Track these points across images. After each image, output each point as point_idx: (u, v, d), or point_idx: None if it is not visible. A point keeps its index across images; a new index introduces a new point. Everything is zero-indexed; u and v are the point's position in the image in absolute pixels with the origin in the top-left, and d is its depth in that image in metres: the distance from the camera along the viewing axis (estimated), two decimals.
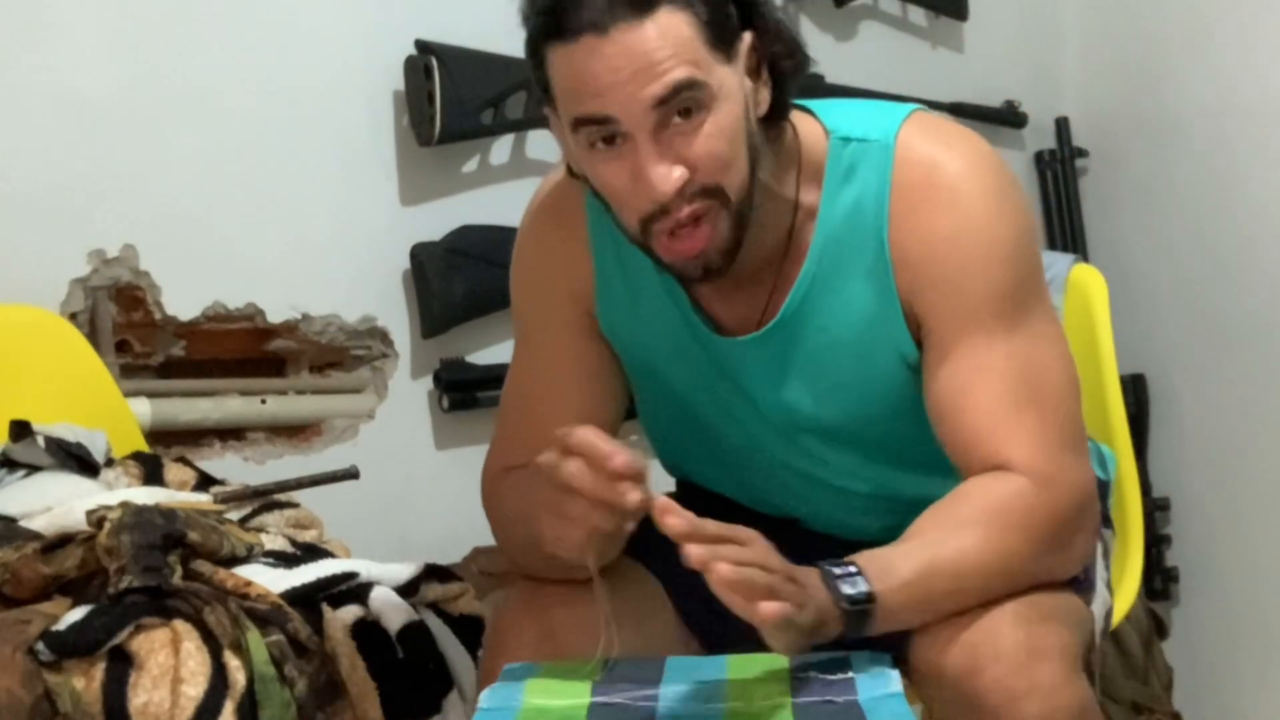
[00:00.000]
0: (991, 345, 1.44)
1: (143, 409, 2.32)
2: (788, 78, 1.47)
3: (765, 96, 1.45)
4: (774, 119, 1.47)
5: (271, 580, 1.67)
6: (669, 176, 1.37)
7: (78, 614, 1.57)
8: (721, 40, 1.39)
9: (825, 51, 2.68)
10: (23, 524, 1.75)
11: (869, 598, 1.32)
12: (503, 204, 2.64)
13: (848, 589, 1.31)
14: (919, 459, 1.56)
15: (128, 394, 2.30)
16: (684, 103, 1.37)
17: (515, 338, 1.67)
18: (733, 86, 1.41)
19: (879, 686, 1.25)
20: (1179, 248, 2.85)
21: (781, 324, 1.52)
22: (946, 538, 1.38)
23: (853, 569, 1.33)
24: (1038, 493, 1.41)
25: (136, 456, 2.07)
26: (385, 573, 1.73)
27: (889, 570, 1.35)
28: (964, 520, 1.39)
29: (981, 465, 1.44)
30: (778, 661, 1.31)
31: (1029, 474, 1.41)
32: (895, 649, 1.39)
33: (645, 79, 1.35)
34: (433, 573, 1.77)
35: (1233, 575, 2.89)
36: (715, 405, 1.59)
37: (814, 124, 1.51)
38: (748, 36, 1.43)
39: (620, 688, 1.27)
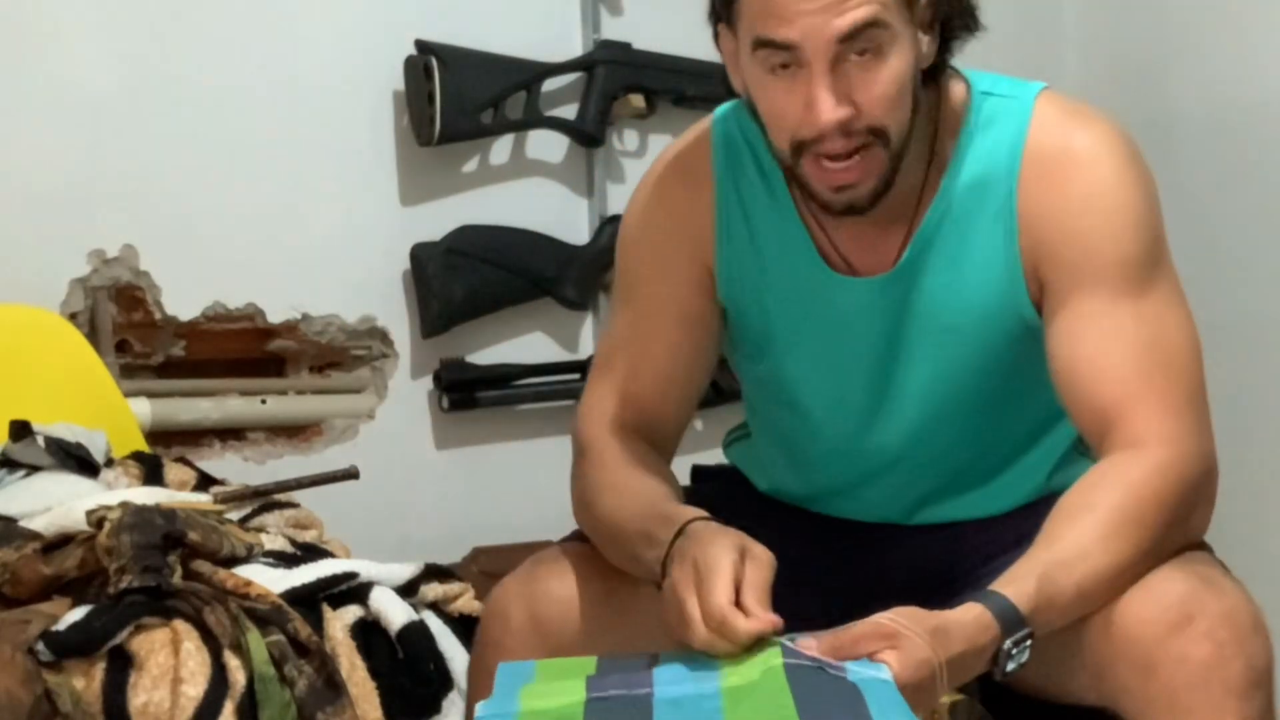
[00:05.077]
0: (1120, 306, 1.47)
1: (143, 409, 2.32)
2: (954, 37, 1.51)
3: (932, 51, 1.49)
4: (930, 74, 1.51)
5: (271, 580, 1.67)
6: (835, 110, 1.41)
7: (78, 614, 1.57)
8: None
9: None
10: (23, 524, 1.75)
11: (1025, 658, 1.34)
12: (503, 204, 2.65)
13: (1011, 665, 1.33)
14: (1005, 430, 1.59)
15: (128, 394, 2.30)
16: (865, 41, 1.40)
17: (616, 297, 1.68)
18: (909, 34, 1.44)
19: (868, 670, 1.26)
20: (1178, 247, 2.82)
21: (908, 265, 1.54)
22: (1100, 555, 1.38)
23: (1028, 642, 1.33)
24: (1167, 468, 1.43)
25: (136, 456, 2.07)
26: (385, 573, 1.73)
27: (1051, 605, 1.35)
28: (1108, 529, 1.39)
29: (1110, 436, 1.45)
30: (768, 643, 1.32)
31: (1158, 444, 1.43)
32: None
33: (835, 12, 1.39)
34: (433, 573, 1.77)
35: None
36: (814, 354, 1.59)
37: (957, 78, 1.55)
38: None
39: (614, 681, 1.28)
